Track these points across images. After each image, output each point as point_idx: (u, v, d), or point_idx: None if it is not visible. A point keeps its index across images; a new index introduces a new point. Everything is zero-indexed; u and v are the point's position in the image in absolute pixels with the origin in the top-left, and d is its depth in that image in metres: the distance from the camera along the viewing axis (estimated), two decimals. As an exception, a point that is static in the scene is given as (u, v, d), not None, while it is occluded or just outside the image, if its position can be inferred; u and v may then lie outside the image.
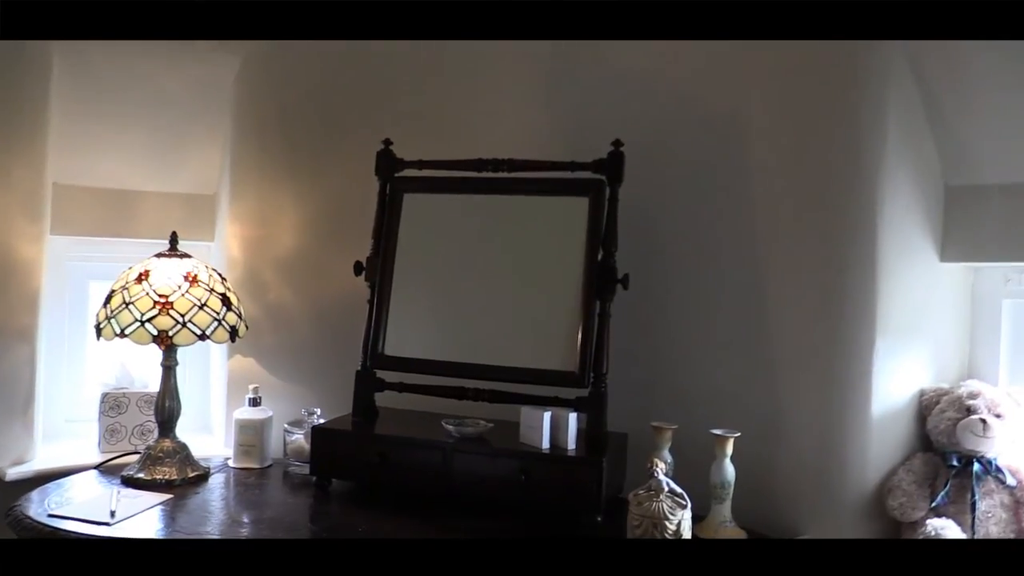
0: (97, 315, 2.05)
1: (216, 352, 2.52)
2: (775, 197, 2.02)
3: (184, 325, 1.99)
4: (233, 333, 2.09)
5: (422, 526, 1.82)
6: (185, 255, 2.13)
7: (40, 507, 1.81)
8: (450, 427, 1.98)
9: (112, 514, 1.76)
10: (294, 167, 2.44)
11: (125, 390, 2.35)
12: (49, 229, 2.27)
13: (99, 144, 2.34)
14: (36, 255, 2.21)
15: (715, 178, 2.10)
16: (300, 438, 2.20)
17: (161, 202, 2.46)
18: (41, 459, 2.23)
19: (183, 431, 2.44)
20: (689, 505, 1.74)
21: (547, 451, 1.89)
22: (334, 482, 2.06)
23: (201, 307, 2.03)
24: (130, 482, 2.02)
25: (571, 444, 1.91)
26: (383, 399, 2.15)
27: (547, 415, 1.91)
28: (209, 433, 2.56)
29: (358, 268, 2.15)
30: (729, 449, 1.86)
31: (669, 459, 1.92)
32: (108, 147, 2.36)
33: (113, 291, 2.05)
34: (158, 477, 2.02)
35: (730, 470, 1.86)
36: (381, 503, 1.95)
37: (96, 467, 2.15)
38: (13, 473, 2.12)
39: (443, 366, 2.06)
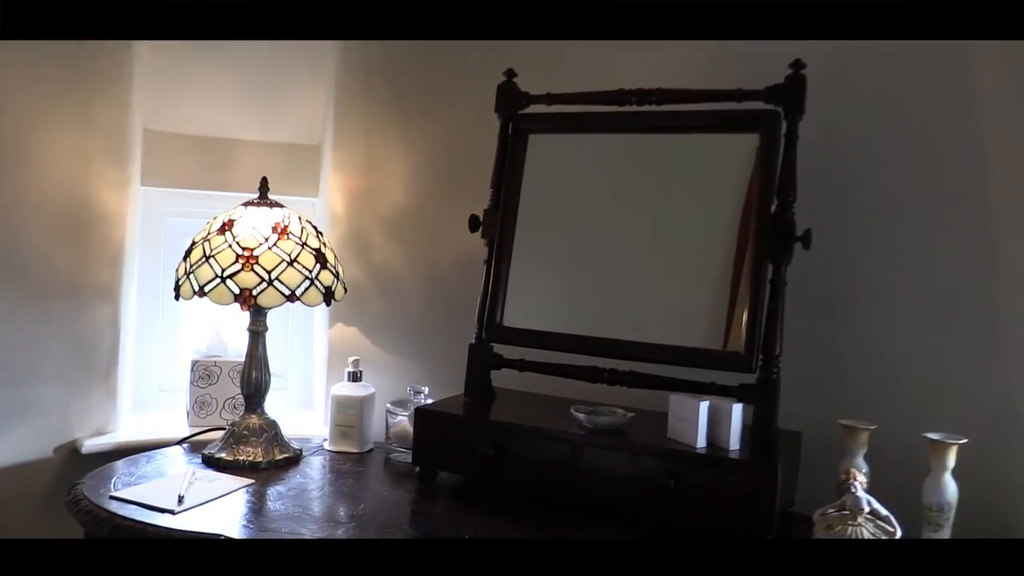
0: (177, 270, 1.80)
1: (320, 319, 2.25)
2: (1015, 131, 1.53)
3: (270, 283, 1.70)
4: (328, 295, 1.79)
5: (542, 535, 1.46)
6: (276, 204, 1.85)
7: (105, 486, 1.57)
8: (580, 415, 1.61)
9: (180, 500, 1.50)
10: (403, 107, 2.12)
11: (217, 358, 2.11)
12: (138, 178, 2.05)
13: (192, 86, 2.09)
14: (120, 204, 1.99)
15: (925, 108, 1.63)
16: (404, 420, 1.89)
17: (261, 152, 2.19)
18: (125, 431, 2.02)
19: (283, 406, 2.22)
20: (899, 533, 1.31)
21: (703, 450, 1.49)
22: (441, 475, 1.74)
23: (290, 263, 1.73)
24: (211, 462, 1.76)
25: (734, 443, 1.50)
26: (501, 379, 1.81)
27: (704, 405, 1.50)
28: (311, 410, 2.29)
29: (474, 223, 1.82)
30: (951, 460, 1.41)
31: (865, 469, 1.48)
32: (202, 89, 2.11)
33: (194, 243, 1.79)
34: (241, 458, 1.76)
35: (951, 488, 1.41)
36: (494, 504, 1.61)
37: (179, 443, 1.92)
38: (91, 445, 1.91)
39: (572, 341, 1.70)
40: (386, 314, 2.15)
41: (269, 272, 1.70)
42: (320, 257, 1.79)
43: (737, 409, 1.51)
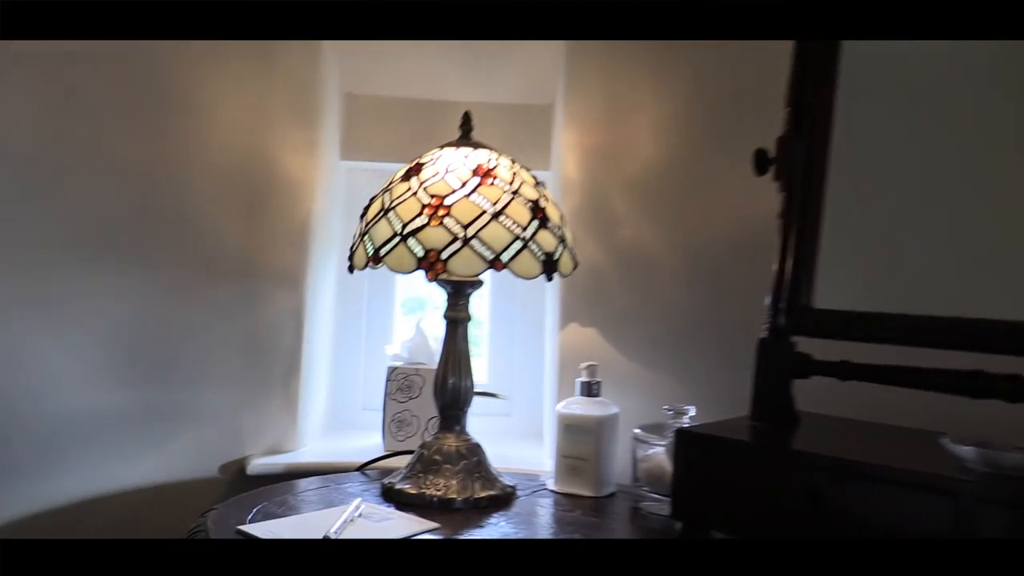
0: (353, 235, 1.37)
1: (551, 319, 1.74)
2: None
3: (466, 242, 1.21)
4: (549, 265, 1.27)
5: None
6: (481, 144, 1.37)
7: (239, 517, 1.15)
8: (964, 450, 0.93)
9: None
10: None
11: (420, 366, 1.67)
12: (328, 145, 1.70)
13: (399, 42, 1.71)
14: (306, 173, 1.62)
15: None
16: (660, 453, 1.31)
17: (481, 115, 1.75)
18: (306, 451, 1.62)
19: (510, 435, 1.75)
20: None
21: None
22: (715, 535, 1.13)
23: (495, 216, 1.23)
24: (390, 496, 1.29)
25: None
26: (809, 397, 1.17)
27: None
28: (541, 442, 1.78)
29: (762, 160, 1.22)
30: None
31: None
32: (411, 46, 1.71)
33: (373, 197, 1.35)
34: (429, 492, 1.27)
35: None
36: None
37: (358, 469, 1.48)
38: (257, 465, 1.52)
39: (932, 328, 1.03)
40: (635, 309, 1.58)
41: (465, 227, 1.21)
42: (538, 212, 1.28)
43: None
